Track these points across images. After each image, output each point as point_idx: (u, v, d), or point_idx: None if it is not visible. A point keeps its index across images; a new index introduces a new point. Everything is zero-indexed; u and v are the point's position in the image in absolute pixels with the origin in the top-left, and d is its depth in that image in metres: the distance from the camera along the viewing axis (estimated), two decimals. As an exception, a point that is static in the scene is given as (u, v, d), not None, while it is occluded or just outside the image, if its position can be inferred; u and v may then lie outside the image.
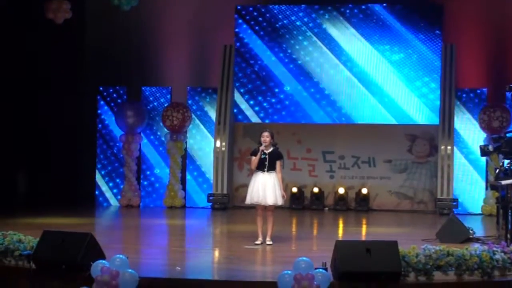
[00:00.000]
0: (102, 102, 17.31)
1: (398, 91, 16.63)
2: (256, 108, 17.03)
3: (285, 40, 17.01)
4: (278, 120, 16.92)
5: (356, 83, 16.74)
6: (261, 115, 17.00)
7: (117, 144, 17.11)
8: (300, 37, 16.95)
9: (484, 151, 11.51)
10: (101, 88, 17.31)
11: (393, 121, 16.60)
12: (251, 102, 17.03)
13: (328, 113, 16.84)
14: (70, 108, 16.98)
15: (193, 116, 16.71)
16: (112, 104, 17.24)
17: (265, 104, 17.02)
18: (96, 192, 17.19)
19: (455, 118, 15.80)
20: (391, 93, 16.64)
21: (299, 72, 16.94)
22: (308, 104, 16.90)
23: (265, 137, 10.16)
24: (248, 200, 10.22)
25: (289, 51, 16.98)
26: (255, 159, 10.14)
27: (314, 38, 16.91)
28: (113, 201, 17.09)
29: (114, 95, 17.29)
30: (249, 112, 17.02)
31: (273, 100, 17.01)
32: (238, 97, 16.99)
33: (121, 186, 16.93)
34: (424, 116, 16.56)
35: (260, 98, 17.03)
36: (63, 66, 16.75)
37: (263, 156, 10.11)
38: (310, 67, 16.90)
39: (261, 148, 10.11)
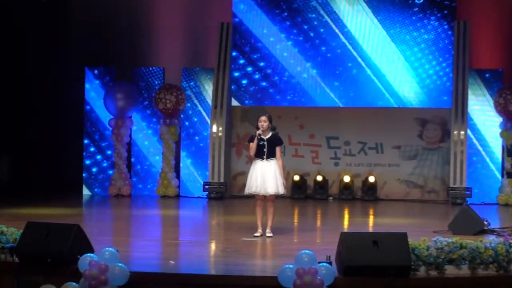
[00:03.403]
0: (89, 84, 17.21)
1: (408, 72, 16.59)
2: (253, 90, 17.00)
3: (287, 17, 16.94)
4: (279, 103, 16.88)
5: (362, 64, 16.70)
6: (259, 96, 16.95)
7: (106, 129, 17.04)
8: (303, 14, 16.87)
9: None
10: (88, 68, 17.21)
11: (402, 104, 16.57)
12: (248, 83, 17.01)
13: (333, 96, 16.81)
14: (56, 91, 16.96)
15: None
16: (101, 86, 17.14)
17: (261, 86, 16.96)
18: (84, 181, 17.15)
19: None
20: (400, 74, 16.60)
21: (301, 51, 16.89)
22: (311, 86, 16.87)
23: (262, 121, 10.08)
24: (247, 190, 10.21)
25: (290, 29, 16.92)
26: (252, 145, 10.09)
27: (319, 16, 16.83)
28: (102, 190, 17.06)
29: (107, 77, 17.15)
30: (246, 94, 17.00)
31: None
32: (235, 78, 16.99)
33: (110, 174, 16.89)
34: (435, 99, 16.53)
35: (258, 79, 16.99)
36: (48, 45, 16.72)
37: (261, 143, 10.05)
38: (313, 46, 16.85)
39: (258, 132, 10.06)
